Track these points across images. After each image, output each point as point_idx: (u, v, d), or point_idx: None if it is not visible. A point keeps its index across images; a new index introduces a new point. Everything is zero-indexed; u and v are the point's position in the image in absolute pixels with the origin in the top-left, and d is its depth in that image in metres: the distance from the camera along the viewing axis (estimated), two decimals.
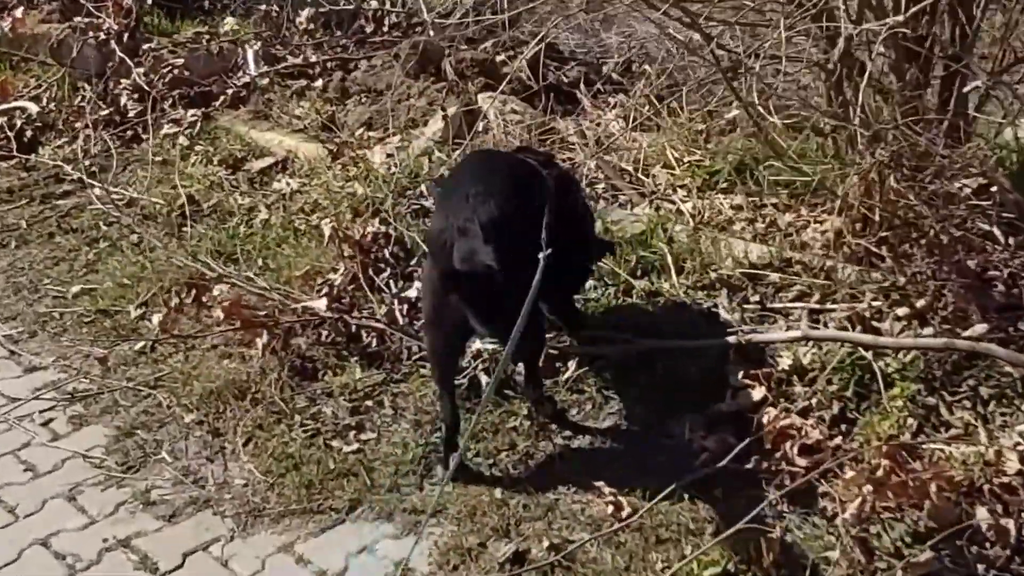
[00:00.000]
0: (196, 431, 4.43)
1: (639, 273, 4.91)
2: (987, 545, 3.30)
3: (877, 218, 4.49)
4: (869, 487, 3.31)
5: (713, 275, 4.67)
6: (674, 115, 6.15)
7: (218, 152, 6.80)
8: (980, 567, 3.25)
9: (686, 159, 5.91)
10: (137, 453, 4.34)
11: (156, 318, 4.86)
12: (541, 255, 3.53)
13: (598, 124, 6.51)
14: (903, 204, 4.32)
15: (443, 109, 6.20)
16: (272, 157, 6.69)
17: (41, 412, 4.64)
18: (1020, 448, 3.52)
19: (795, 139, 5.35)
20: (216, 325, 4.87)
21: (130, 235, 6.08)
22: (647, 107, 6.29)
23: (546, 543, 3.58)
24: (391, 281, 5.08)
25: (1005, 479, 3.44)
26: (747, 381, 4.04)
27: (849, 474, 3.40)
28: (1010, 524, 3.30)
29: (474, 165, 4.47)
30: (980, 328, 3.98)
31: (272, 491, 4.03)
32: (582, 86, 6.96)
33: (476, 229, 3.55)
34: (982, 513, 3.33)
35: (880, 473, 3.36)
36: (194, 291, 5.00)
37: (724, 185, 5.61)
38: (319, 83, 7.39)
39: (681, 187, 5.70)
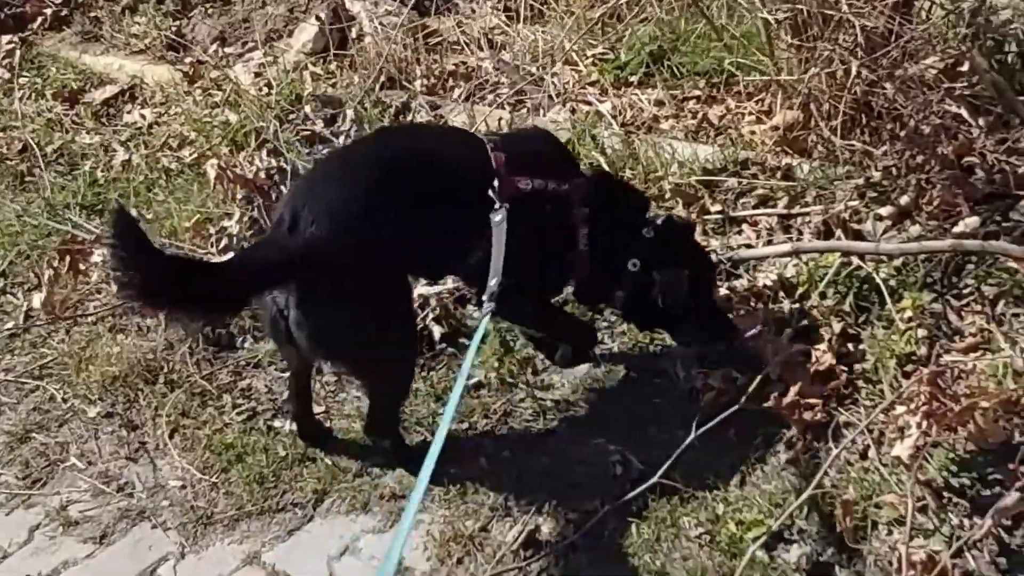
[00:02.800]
0: (106, 427, 3.79)
1: None
2: None
3: (831, 109, 4.14)
4: (919, 419, 3.00)
5: (666, 185, 4.23)
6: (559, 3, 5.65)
7: (49, 84, 5.96)
8: None
9: (588, 53, 5.43)
10: (40, 461, 3.69)
11: (36, 299, 4.12)
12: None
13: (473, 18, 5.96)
14: (870, 92, 3.96)
15: (318, 19, 5.49)
16: (115, 85, 5.89)
17: None
18: None
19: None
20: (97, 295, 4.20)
21: None
22: None
23: (559, 519, 3.15)
24: None
25: None
26: (738, 305, 3.66)
27: (899, 409, 3.07)
28: None
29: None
30: (972, 222, 3.70)
31: (217, 491, 3.47)
32: None
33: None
34: None
35: (922, 400, 3.05)
36: (68, 258, 4.27)
37: (635, 79, 5.18)
38: None
39: (591, 85, 5.24)
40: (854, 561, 2.93)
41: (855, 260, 3.66)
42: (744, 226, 4.08)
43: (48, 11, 6.46)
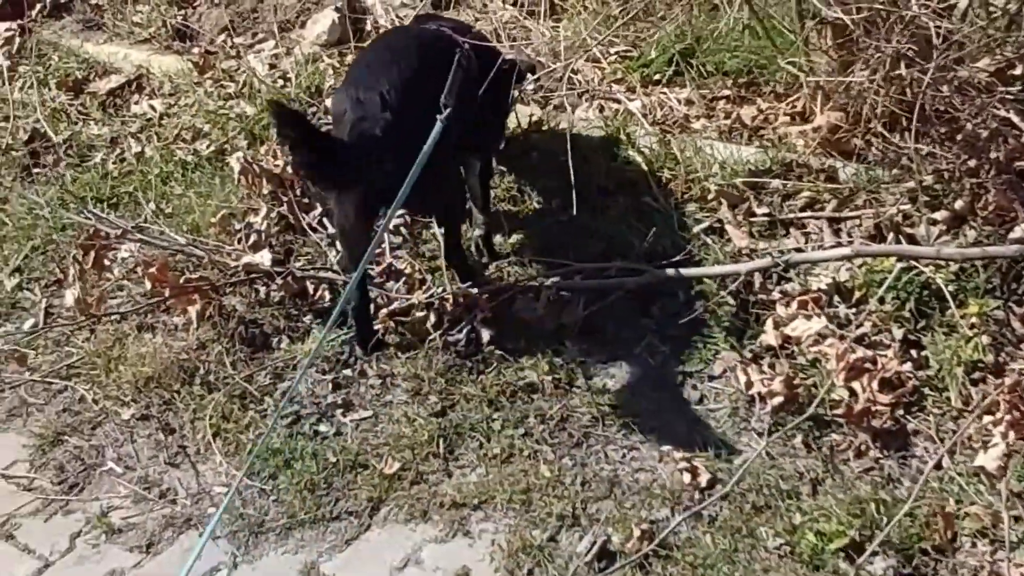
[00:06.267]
0: (142, 430, 3.65)
1: (612, 187, 4.37)
2: None
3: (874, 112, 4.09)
4: (1003, 429, 2.95)
5: (710, 186, 4.16)
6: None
7: (51, 73, 5.74)
8: None
9: (612, 51, 5.36)
10: (75, 466, 3.55)
11: (69, 296, 3.96)
12: (439, 117, 3.42)
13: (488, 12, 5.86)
14: (919, 94, 3.91)
15: (338, 9, 5.35)
16: (120, 75, 5.70)
17: None
18: None
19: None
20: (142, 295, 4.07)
21: None
22: None
23: (633, 531, 3.06)
24: (324, 220, 4.36)
25: None
26: (798, 310, 3.60)
27: (986, 419, 3.02)
28: None
29: (380, 40, 4.38)
30: None
31: (267, 498, 3.35)
32: None
33: (375, 98, 3.43)
34: None
35: (1004, 409, 3.00)
36: (92, 254, 4.12)
37: (659, 78, 5.10)
38: None
39: (616, 83, 5.16)
40: (940, 574, 2.89)
41: (922, 266, 3.61)
42: (791, 229, 4.03)
43: None
